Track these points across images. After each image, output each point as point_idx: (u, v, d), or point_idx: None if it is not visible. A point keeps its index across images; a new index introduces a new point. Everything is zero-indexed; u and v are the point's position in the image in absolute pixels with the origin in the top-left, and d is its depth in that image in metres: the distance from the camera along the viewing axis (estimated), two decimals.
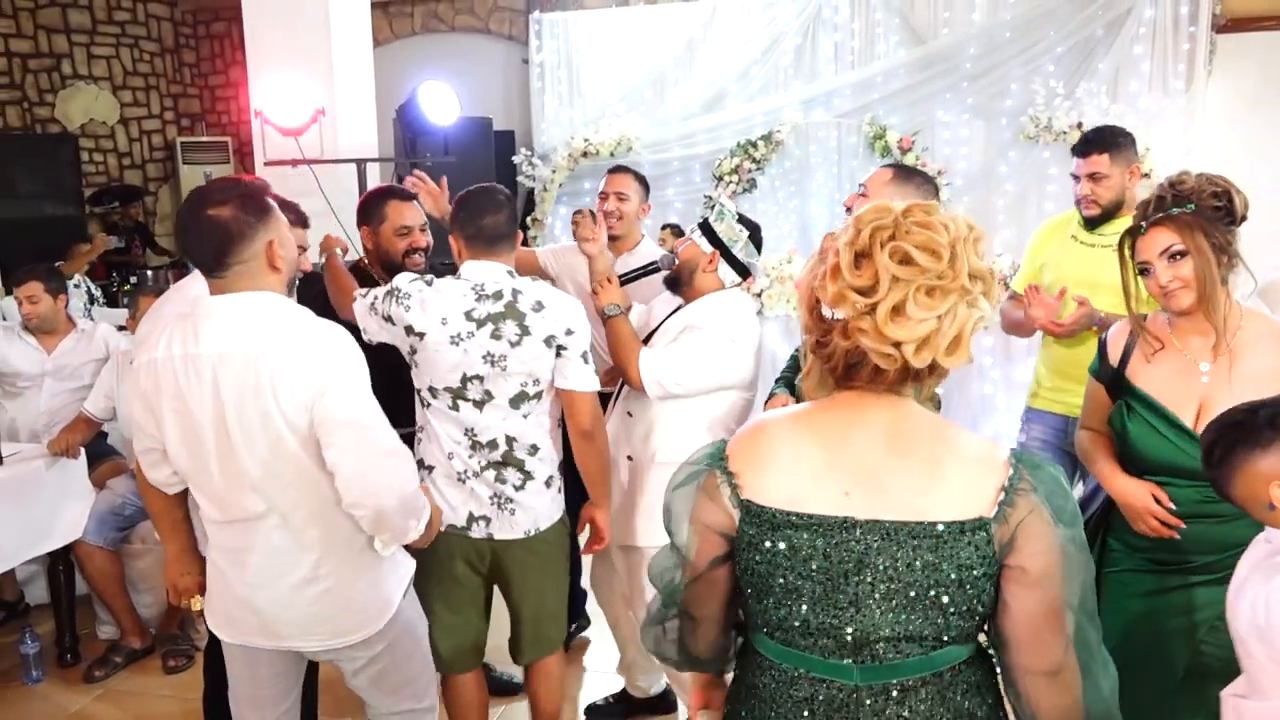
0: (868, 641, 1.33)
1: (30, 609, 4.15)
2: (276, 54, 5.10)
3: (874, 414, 1.35)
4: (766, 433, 1.41)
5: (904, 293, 1.26)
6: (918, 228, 1.28)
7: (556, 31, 7.51)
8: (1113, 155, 3.06)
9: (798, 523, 1.33)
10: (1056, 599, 1.31)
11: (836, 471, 1.34)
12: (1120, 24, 6.09)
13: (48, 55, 8.13)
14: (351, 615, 2.12)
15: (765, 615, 1.39)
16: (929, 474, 1.32)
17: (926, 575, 1.29)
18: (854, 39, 6.78)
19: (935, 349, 1.28)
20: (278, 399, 1.91)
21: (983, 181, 6.54)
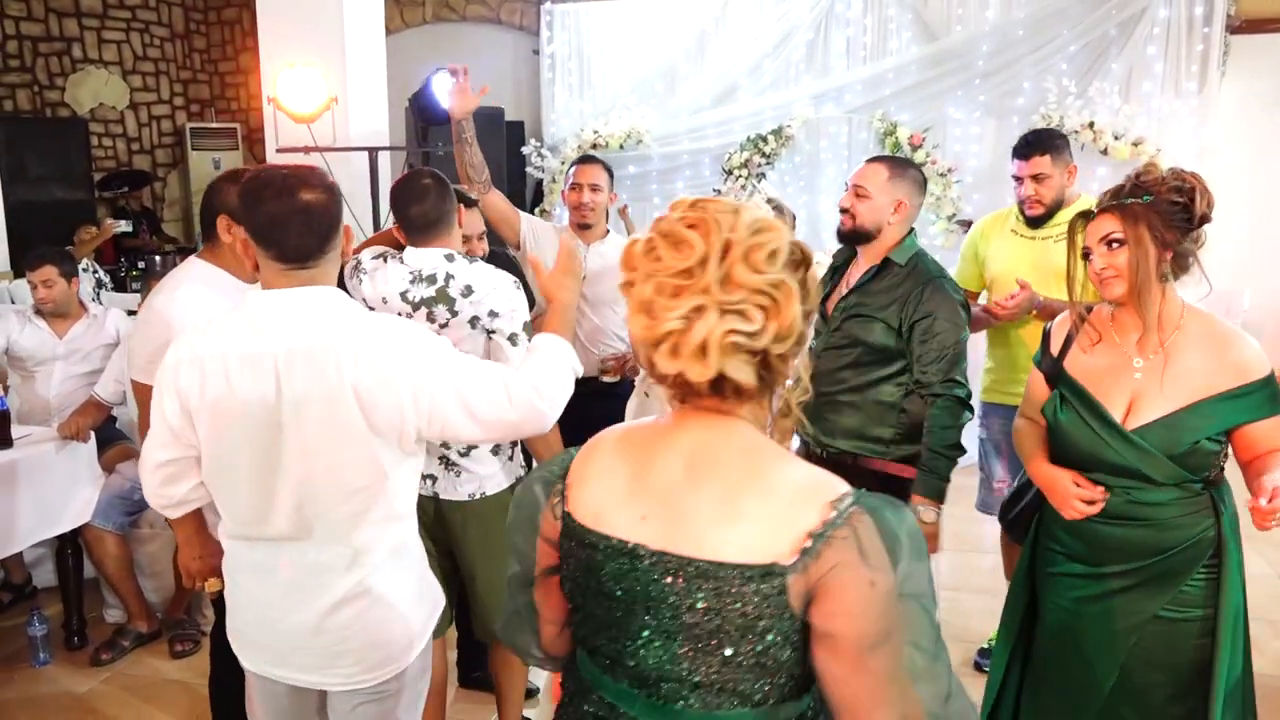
0: (649, 678, 1.21)
1: (38, 591, 4.16)
2: (289, 41, 5.10)
3: (685, 434, 1.22)
4: (598, 445, 1.32)
5: (649, 289, 1.15)
6: (680, 223, 1.17)
7: (568, 23, 7.51)
8: (1053, 156, 3.13)
9: (596, 543, 1.23)
10: (873, 666, 1.12)
11: (638, 494, 1.22)
12: (1134, 24, 6.08)
13: (58, 39, 8.13)
14: (380, 648, 1.93)
15: (576, 628, 1.32)
16: (725, 508, 1.16)
17: (708, 621, 1.14)
18: (866, 34, 6.78)
19: (686, 356, 1.14)
20: (360, 399, 1.78)
21: (993, 179, 6.53)
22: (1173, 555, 2.06)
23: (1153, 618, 2.08)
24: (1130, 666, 2.10)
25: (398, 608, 1.93)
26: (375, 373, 1.78)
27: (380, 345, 1.80)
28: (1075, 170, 3.21)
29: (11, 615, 4.02)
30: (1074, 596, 2.15)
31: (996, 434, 3.41)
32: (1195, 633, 2.07)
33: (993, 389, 3.40)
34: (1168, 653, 2.08)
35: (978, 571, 4.41)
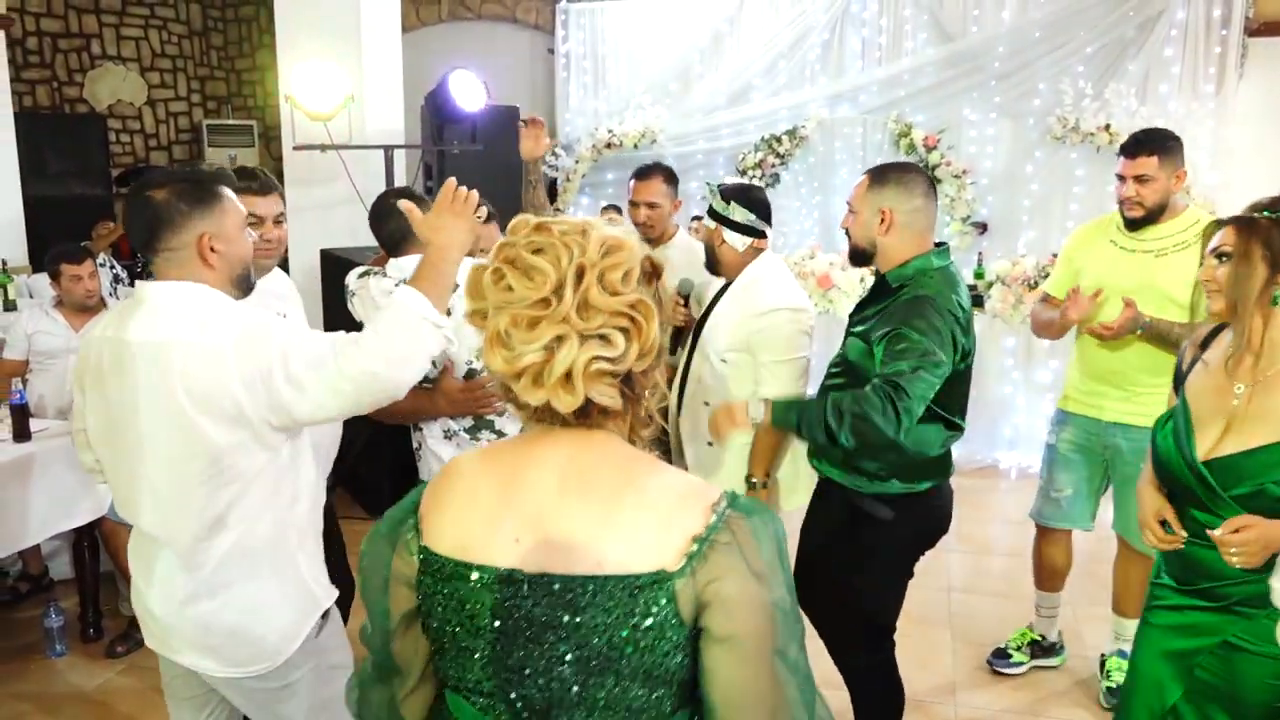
0: (541, 710, 1.15)
1: (54, 584, 4.19)
2: (307, 39, 5.12)
3: (553, 449, 1.18)
4: (453, 471, 1.25)
5: (504, 320, 1.13)
6: (529, 250, 1.13)
7: (583, 22, 7.52)
8: (1161, 158, 2.99)
9: (465, 574, 1.16)
10: (762, 665, 1.13)
11: (508, 516, 1.16)
12: (1151, 26, 6.06)
13: (77, 35, 8.19)
14: (245, 645, 1.93)
15: (445, 671, 1.22)
16: (605, 519, 1.13)
17: (600, 638, 1.11)
18: (882, 35, 6.77)
19: (550, 386, 1.11)
20: (190, 399, 1.77)
21: (1008, 181, 6.52)
22: (1253, 582, 1.92)
23: (1222, 643, 1.96)
24: (1191, 691, 2.01)
25: (258, 611, 1.93)
26: (204, 367, 1.78)
27: (208, 339, 1.80)
28: (1184, 175, 3.04)
29: (28, 607, 4.06)
30: (1158, 605, 2.09)
31: (1066, 443, 3.30)
32: (1269, 672, 1.91)
33: (1072, 398, 3.30)
34: (1230, 684, 1.96)
35: (989, 574, 4.41)
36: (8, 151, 6.32)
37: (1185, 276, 2.96)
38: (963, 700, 3.32)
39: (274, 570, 1.94)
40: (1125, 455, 3.16)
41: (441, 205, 1.99)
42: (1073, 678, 3.45)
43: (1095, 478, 3.29)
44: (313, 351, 1.81)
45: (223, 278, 1.92)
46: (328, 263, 4.83)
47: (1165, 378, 3.00)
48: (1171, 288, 3.00)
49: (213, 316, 1.83)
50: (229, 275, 1.93)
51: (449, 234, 1.97)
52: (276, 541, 1.94)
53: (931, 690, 3.35)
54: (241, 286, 1.97)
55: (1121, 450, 3.17)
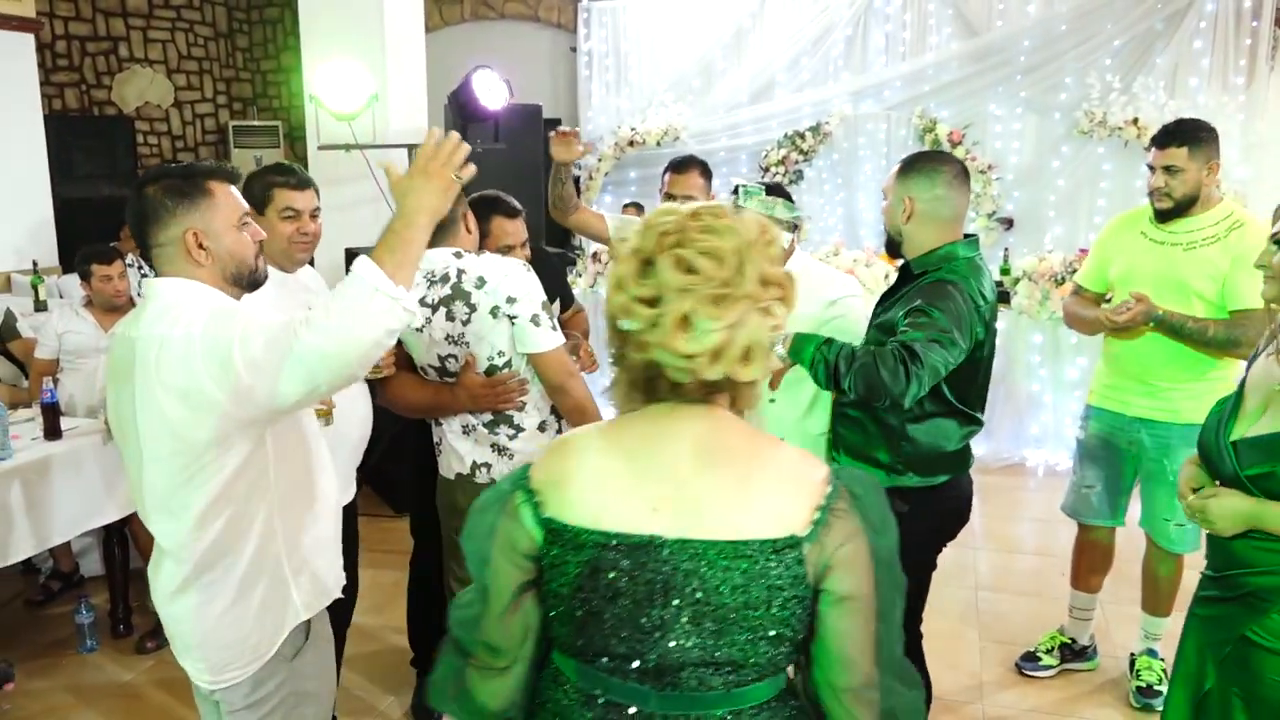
0: (670, 668, 1.23)
1: (85, 580, 4.25)
2: (331, 40, 5.15)
3: (685, 425, 1.25)
4: (571, 447, 1.32)
5: (688, 304, 1.17)
6: (703, 233, 1.19)
7: (605, 20, 7.51)
8: (1191, 149, 2.96)
9: (601, 542, 1.23)
10: (871, 620, 1.25)
11: (643, 486, 1.24)
12: (1180, 18, 5.98)
13: (105, 38, 8.28)
14: (222, 649, 1.89)
15: (569, 639, 1.28)
16: (741, 489, 1.23)
17: (735, 597, 1.20)
18: (906, 30, 6.72)
19: (729, 361, 1.19)
20: (167, 393, 1.74)
21: (1034, 177, 6.46)
22: (1271, 573, 1.92)
23: (1240, 638, 1.94)
24: (1221, 683, 2.00)
25: (232, 614, 1.87)
26: (176, 359, 1.74)
27: (177, 331, 1.76)
28: (1217, 168, 3.00)
29: (60, 604, 4.11)
30: (1199, 596, 2.10)
31: (1093, 438, 3.29)
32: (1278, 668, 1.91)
33: (1100, 393, 3.28)
34: (1246, 677, 1.95)
35: (1018, 573, 4.37)
36: (38, 154, 6.40)
37: (1211, 270, 2.95)
38: (990, 699, 3.30)
39: (254, 573, 1.88)
40: (1149, 451, 3.15)
41: (419, 163, 1.80)
42: (1103, 677, 3.42)
43: (1123, 473, 3.27)
44: (270, 333, 1.71)
45: (214, 275, 1.86)
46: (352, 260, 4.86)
47: (1190, 374, 3.03)
48: (1195, 281, 2.98)
49: (188, 310, 1.79)
50: (221, 273, 1.87)
51: (419, 196, 1.76)
52: (260, 544, 1.88)
53: (959, 689, 3.32)
54: (239, 284, 1.90)
55: (1145, 446, 3.16)
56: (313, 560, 1.98)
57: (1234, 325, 2.91)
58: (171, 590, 1.90)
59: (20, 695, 3.41)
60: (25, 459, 3.34)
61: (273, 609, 1.91)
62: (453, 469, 2.71)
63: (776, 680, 1.29)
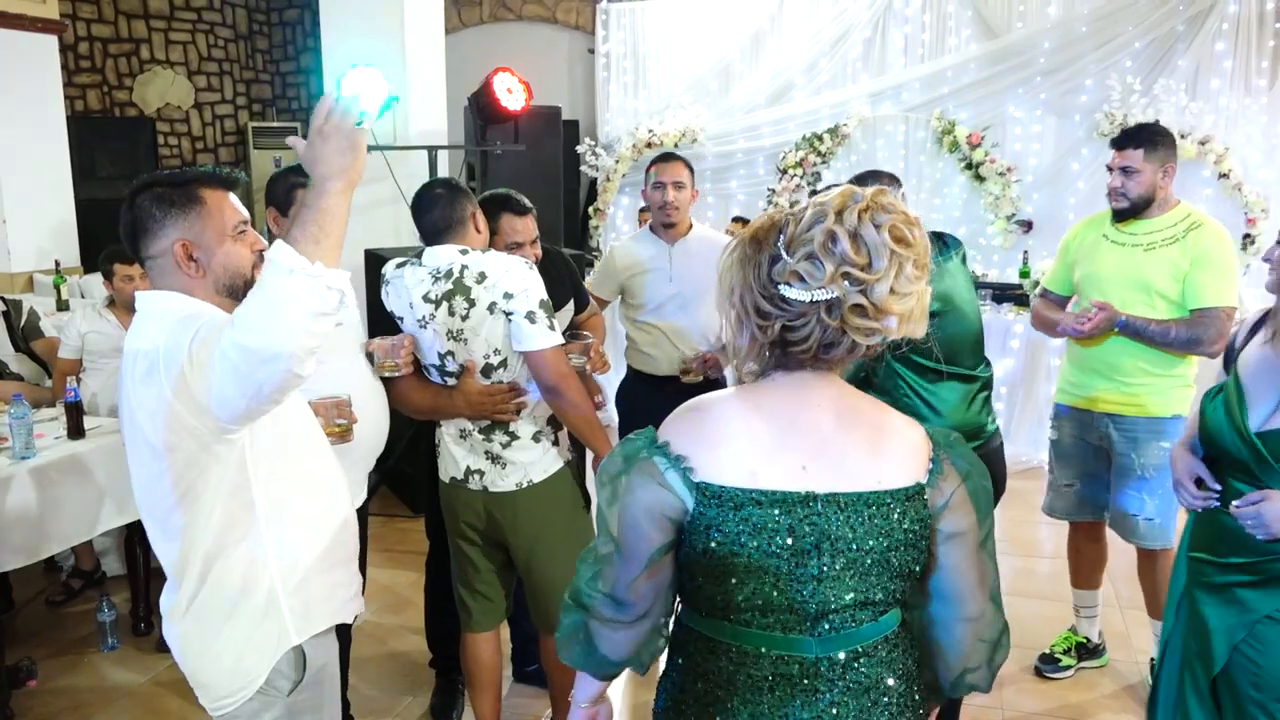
0: (827, 612, 1.35)
1: (106, 579, 4.27)
2: (351, 41, 5.17)
3: (821, 391, 1.37)
4: (710, 413, 1.39)
5: (899, 266, 1.28)
6: (894, 208, 1.30)
7: (623, 22, 7.52)
8: (1147, 151, 3.06)
9: (761, 499, 1.32)
10: (977, 551, 1.42)
11: (791, 447, 1.34)
12: (1202, 20, 5.94)
13: (127, 40, 8.34)
14: (213, 674, 1.82)
15: (724, 598, 1.36)
16: (874, 446, 1.36)
17: (879, 541, 1.33)
18: (925, 32, 6.71)
19: (916, 322, 1.32)
20: (142, 409, 1.68)
21: (1053, 179, 6.43)
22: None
23: (1264, 618, 1.99)
24: (1234, 664, 2.04)
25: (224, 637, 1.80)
26: (146, 373, 1.68)
27: (145, 344, 1.69)
28: (1173, 170, 3.11)
29: (81, 602, 4.14)
30: (1202, 581, 2.13)
31: (1065, 436, 3.37)
32: None
33: (1066, 390, 3.35)
34: (1269, 659, 1.98)
35: (1036, 576, 4.35)
36: (60, 154, 6.46)
37: (1172, 270, 3.05)
38: (1010, 703, 3.29)
39: (243, 596, 1.79)
40: (1117, 446, 3.20)
41: (313, 127, 1.65)
42: (1121, 681, 3.40)
43: (1099, 470, 3.32)
44: (211, 333, 1.62)
45: (207, 287, 1.77)
46: (372, 263, 4.87)
47: (1155, 368, 3.10)
48: (1158, 281, 3.07)
49: (161, 321, 1.71)
50: (214, 285, 1.78)
51: (325, 162, 1.62)
52: (249, 566, 1.79)
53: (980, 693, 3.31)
54: (235, 297, 1.78)
55: (1114, 441, 3.21)
56: (311, 582, 1.87)
57: (1195, 324, 3.00)
58: (168, 612, 1.84)
59: (43, 693, 3.44)
60: (49, 458, 3.37)
61: (262, 633, 1.82)
62: (448, 473, 2.73)
63: (899, 609, 1.43)
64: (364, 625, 3.05)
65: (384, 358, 2.58)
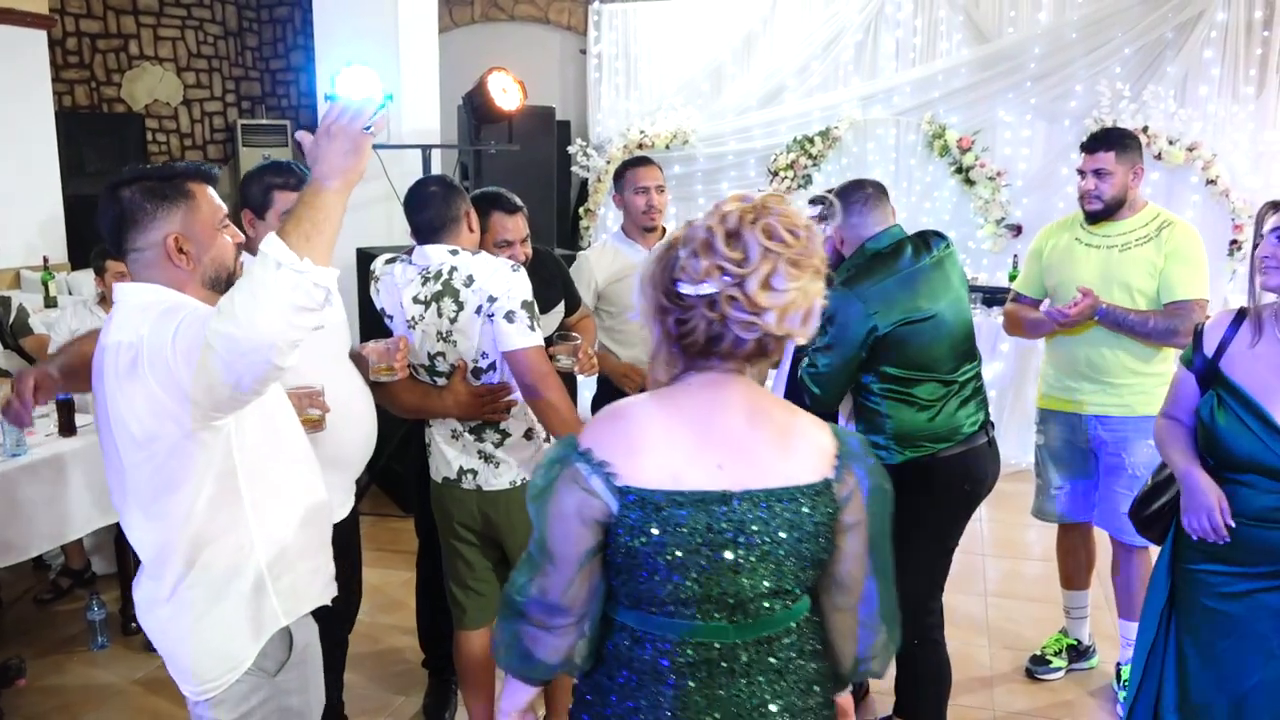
0: (745, 602, 1.43)
1: (97, 578, 4.25)
2: (343, 39, 5.16)
3: (733, 392, 1.44)
4: (630, 419, 1.45)
5: (772, 264, 1.36)
6: (781, 210, 1.39)
7: (615, 23, 7.53)
8: (1118, 154, 3.11)
9: (681, 500, 1.39)
10: (869, 543, 1.53)
11: (707, 448, 1.42)
12: (1191, 27, 5.99)
13: (116, 36, 8.30)
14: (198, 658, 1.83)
15: (649, 593, 1.44)
16: (784, 444, 1.45)
17: (790, 534, 1.42)
18: (916, 36, 6.73)
19: (794, 320, 1.38)
20: (125, 400, 1.70)
21: (1043, 184, 6.46)
22: None
23: None
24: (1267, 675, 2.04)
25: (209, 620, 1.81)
26: (129, 365, 1.69)
27: (128, 336, 1.70)
28: (1142, 172, 3.19)
29: (69, 601, 4.12)
30: (1216, 593, 2.12)
31: (1054, 440, 3.39)
32: None
33: (1050, 396, 3.37)
34: None
35: (1026, 579, 4.38)
36: (49, 150, 6.42)
37: (1148, 268, 3.11)
38: (1000, 704, 3.31)
39: (229, 579, 1.82)
40: (1108, 447, 3.24)
41: (322, 125, 1.68)
42: (1108, 683, 3.43)
43: (1088, 471, 3.34)
44: (194, 323, 1.64)
45: (194, 280, 1.81)
46: (364, 261, 4.87)
47: (1140, 367, 3.12)
48: (1136, 279, 3.12)
49: (144, 313, 1.72)
50: (201, 277, 1.82)
51: (327, 162, 1.64)
52: (234, 550, 1.82)
53: (970, 694, 3.33)
54: (218, 289, 1.81)
55: (1105, 442, 3.24)
56: (295, 565, 1.90)
57: (1171, 316, 3.06)
58: (148, 600, 1.85)
59: (32, 692, 3.42)
60: (40, 455, 3.35)
61: (250, 616, 1.84)
62: (440, 473, 2.73)
63: (808, 596, 1.53)
64: (357, 625, 3.03)
65: (378, 361, 2.54)
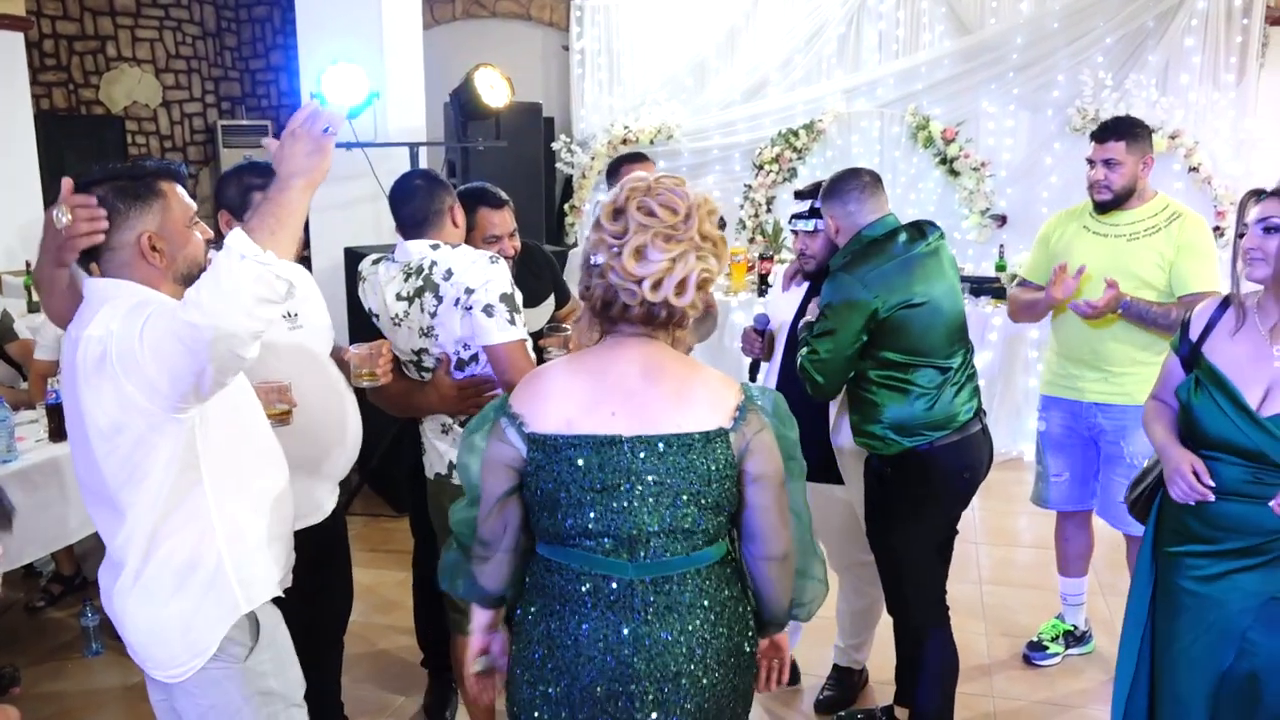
0: (640, 539, 1.60)
1: (88, 583, 4.21)
2: (328, 37, 5.12)
3: (631, 350, 1.62)
4: (542, 376, 1.69)
5: (645, 238, 1.54)
6: (664, 191, 1.57)
7: (597, 18, 7.51)
8: (1129, 144, 3.11)
9: (575, 443, 1.59)
10: (783, 499, 1.67)
11: (603, 398, 1.60)
12: (1171, 15, 6.03)
13: (93, 38, 8.21)
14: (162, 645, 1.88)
15: (555, 527, 1.64)
16: (680, 396, 1.61)
17: (682, 477, 1.58)
18: (899, 28, 6.75)
19: (667, 288, 1.55)
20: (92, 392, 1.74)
21: (1027, 173, 6.50)
22: None
23: (1270, 600, 2.04)
24: (1244, 650, 2.07)
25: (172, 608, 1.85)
26: (97, 359, 1.73)
27: (97, 330, 1.73)
28: (1151, 162, 3.19)
29: (62, 607, 4.08)
30: (1193, 575, 2.15)
31: (1055, 427, 3.39)
32: None
33: (1053, 382, 3.38)
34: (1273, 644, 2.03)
35: (1018, 566, 4.41)
36: (28, 153, 6.35)
37: (1157, 259, 3.11)
38: (999, 691, 3.33)
39: (191, 567, 1.86)
40: (1108, 435, 3.25)
41: (288, 127, 1.77)
42: (1107, 668, 3.44)
43: (1088, 459, 3.36)
44: (162, 315, 1.71)
45: (166, 277, 1.86)
46: (352, 260, 4.84)
47: (1142, 356, 3.13)
48: (1143, 270, 3.13)
49: (113, 307, 1.76)
50: (173, 274, 1.87)
51: (291, 162, 1.74)
52: (197, 539, 1.86)
53: (968, 681, 3.34)
54: (190, 285, 1.80)
55: (1105, 430, 3.25)
56: (255, 555, 1.95)
57: (1190, 308, 3.00)
58: (112, 588, 1.89)
59: (28, 699, 3.38)
60: (31, 461, 3.31)
61: (213, 603, 1.88)
62: (433, 469, 2.71)
63: (720, 546, 1.68)
64: (352, 626, 3.01)
65: (359, 366, 2.51)
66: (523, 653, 1.70)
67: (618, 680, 1.60)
